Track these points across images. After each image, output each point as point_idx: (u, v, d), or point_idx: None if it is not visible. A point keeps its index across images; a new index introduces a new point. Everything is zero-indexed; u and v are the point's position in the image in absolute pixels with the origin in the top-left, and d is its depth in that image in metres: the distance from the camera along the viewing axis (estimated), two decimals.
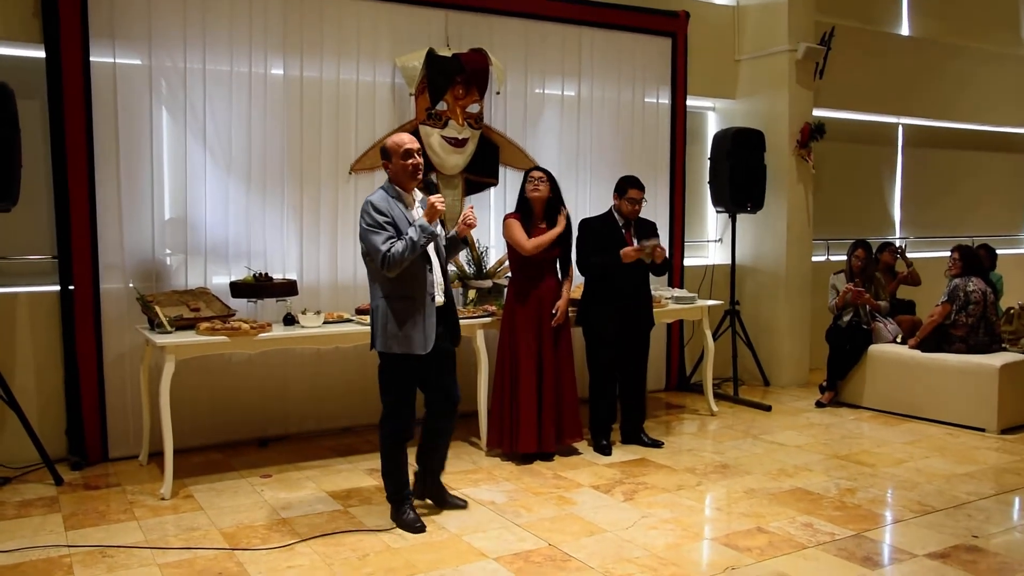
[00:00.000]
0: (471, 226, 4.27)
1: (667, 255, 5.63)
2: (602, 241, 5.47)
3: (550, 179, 5.26)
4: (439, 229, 4.16)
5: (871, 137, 9.03)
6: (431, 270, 4.08)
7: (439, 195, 4.00)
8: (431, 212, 3.93)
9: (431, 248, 4.09)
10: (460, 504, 4.46)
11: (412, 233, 3.89)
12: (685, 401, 7.09)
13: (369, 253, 3.99)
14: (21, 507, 4.47)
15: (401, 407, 4.15)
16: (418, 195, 4.20)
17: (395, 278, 3.97)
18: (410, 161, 4.04)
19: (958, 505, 4.56)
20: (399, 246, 3.87)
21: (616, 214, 5.56)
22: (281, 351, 5.46)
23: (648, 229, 5.63)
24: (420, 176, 4.10)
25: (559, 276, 5.36)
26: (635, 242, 5.49)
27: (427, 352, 4.04)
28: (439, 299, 4.13)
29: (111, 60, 5.12)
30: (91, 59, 5.04)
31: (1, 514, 4.36)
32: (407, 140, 4.09)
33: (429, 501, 4.46)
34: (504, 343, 5.34)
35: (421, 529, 4.11)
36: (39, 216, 5.18)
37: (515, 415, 5.24)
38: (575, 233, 5.48)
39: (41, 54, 5.02)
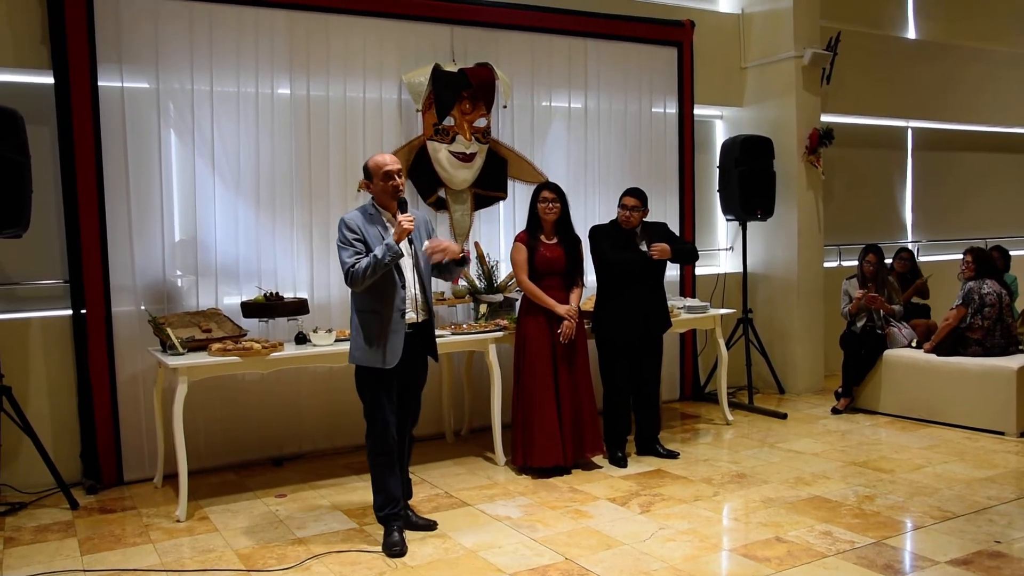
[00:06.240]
0: (441, 251, 4.17)
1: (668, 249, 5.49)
2: (615, 243, 5.48)
3: (561, 198, 5.27)
4: (410, 247, 4.16)
5: (880, 141, 9.00)
6: (403, 286, 4.12)
7: (408, 215, 4.04)
8: (398, 231, 4.01)
9: (407, 265, 4.16)
10: (429, 525, 4.39)
11: (377, 251, 3.96)
12: (700, 411, 7.05)
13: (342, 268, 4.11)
14: (37, 532, 4.47)
15: (376, 419, 4.14)
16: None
17: (365, 293, 4.08)
18: (391, 183, 4.12)
19: (979, 510, 4.51)
20: (363, 263, 3.96)
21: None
22: (293, 370, 5.46)
23: (659, 231, 5.62)
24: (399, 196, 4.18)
25: (567, 289, 5.32)
26: (642, 244, 5.48)
27: (391, 367, 4.07)
28: (411, 316, 4.17)
29: (119, 84, 5.16)
30: (99, 83, 5.07)
31: (17, 539, 4.37)
32: (388, 161, 4.16)
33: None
34: (518, 357, 5.34)
35: (399, 554, 4.02)
36: (50, 241, 5.21)
37: (532, 428, 5.22)
38: (586, 243, 5.48)
39: (50, 80, 5.06)
